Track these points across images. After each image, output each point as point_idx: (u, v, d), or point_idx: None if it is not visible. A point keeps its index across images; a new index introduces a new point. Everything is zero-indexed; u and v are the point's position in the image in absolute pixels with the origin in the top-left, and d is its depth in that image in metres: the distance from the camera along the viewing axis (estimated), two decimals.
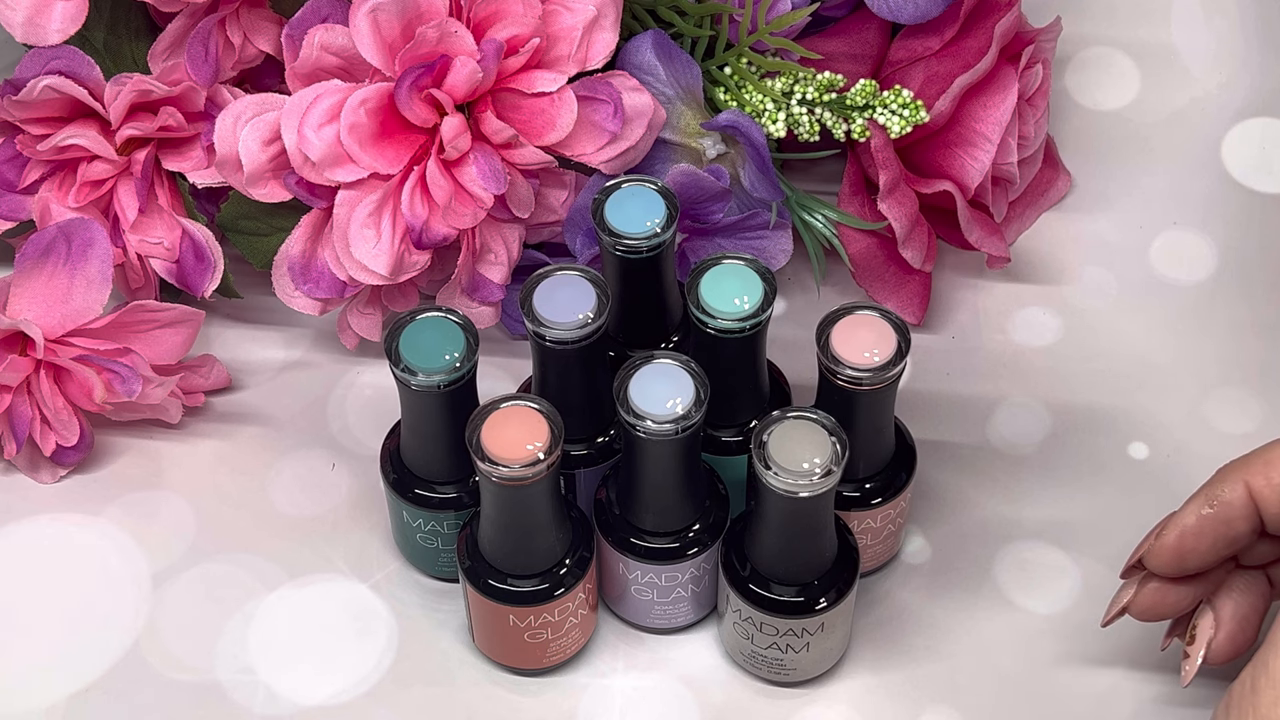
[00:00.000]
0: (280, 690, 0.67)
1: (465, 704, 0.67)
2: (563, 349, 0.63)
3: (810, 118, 0.72)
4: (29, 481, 0.73)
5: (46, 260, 0.70)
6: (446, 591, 0.70)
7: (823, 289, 0.78)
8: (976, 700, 0.66)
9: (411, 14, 0.67)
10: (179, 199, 0.74)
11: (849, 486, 0.66)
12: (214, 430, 0.75)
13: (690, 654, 0.68)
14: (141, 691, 0.67)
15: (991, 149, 0.74)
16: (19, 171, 0.73)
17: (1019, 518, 0.71)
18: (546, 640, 0.65)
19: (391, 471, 0.67)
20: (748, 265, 0.64)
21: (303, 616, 0.69)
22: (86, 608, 0.69)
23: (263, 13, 0.72)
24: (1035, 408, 0.75)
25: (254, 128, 0.68)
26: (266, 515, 0.72)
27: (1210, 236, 0.81)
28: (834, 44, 0.76)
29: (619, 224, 0.65)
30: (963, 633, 0.68)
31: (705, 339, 0.64)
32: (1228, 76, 0.84)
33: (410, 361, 0.62)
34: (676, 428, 0.60)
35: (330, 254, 0.70)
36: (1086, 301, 0.79)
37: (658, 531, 0.65)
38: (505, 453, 0.60)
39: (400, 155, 0.68)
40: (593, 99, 0.70)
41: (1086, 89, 0.85)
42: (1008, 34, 0.74)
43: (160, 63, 0.72)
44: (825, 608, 0.63)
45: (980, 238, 0.75)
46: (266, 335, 0.78)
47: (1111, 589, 0.69)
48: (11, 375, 0.69)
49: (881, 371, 0.62)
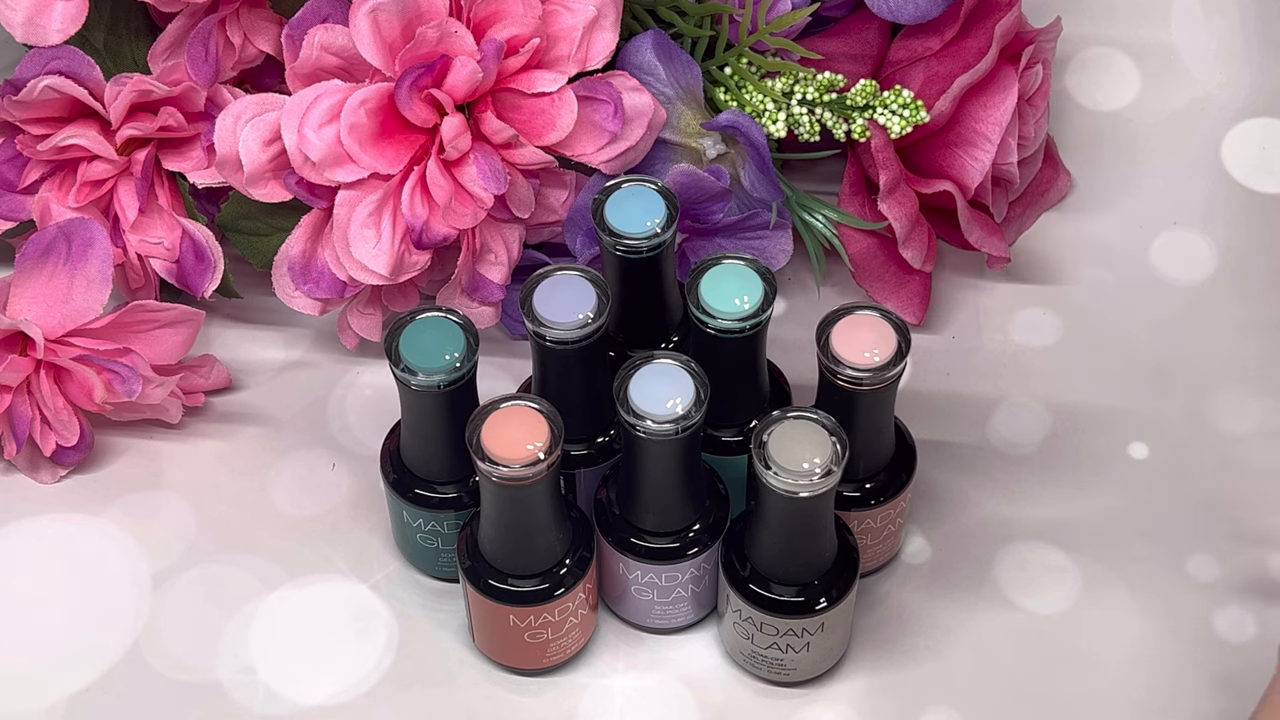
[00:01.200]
0: (280, 690, 0.67)
1: (465, 704, 0.67)
2: (563, 349, 0.63)
3: (810, 118, 0.72)
4: (29, 481, 0.73)
5: (46, 260, 0.70)
6: (446, 591, 0.70)
7: (823, 289, 0.78)
8: (976, 700, 0.66)
9: (411, 14, 0.67)
10: (179, 199, 0.74)
11: (849, 486, 0.66)
12: (214, 430, 0.75)
13: (690, 654, 0.68)
14: (141, 691, 0.67)
15: (991, 149, 0.74)
16: (19, 171, 0.73)
17: (1019, 518, 0.71)
18: (546, 640, 0.65)
19: (391, 471, 0.67)
20: (748, 265, 0.64)
21: (303, 616, 0.69)
22: (86, 608, 0.69)
23: (263, 13, 0.72)
24: (1035, 408, 0.75)
25: (254, 128, 0.68)
26: (266, 515, 0.72)
27: (1210, 236, 0.81)
28: (834, 44, 0.76)
29: (619, 224, 0.65)
30: (963, 633, 0.68)
31: (705, 339, 0.64)
32: (1228, 76, 0.84)
33: (410, 361, 0.62)
34: (676, 428, 0.60)
35: (330, 254, 0.70)
36: (1086, 301, 0.79)
37: (658, 531, 0.64)
38: (505, 453, 0.60)
39: (400, 155, 0.68)
40: (593, 99, 0.70)
41: (1086, 89, 0.84)
42: (1008, 34, 0.74)
43: (160, 63, 0.72)
44: (825, 608, 0.63)
45: (980, 238, 0.75)
46: (266, 335, 0.78)
47: (1111, 589, 0.69)
48: (11, 375, 0.69)
49: (881, 371, 0.62)
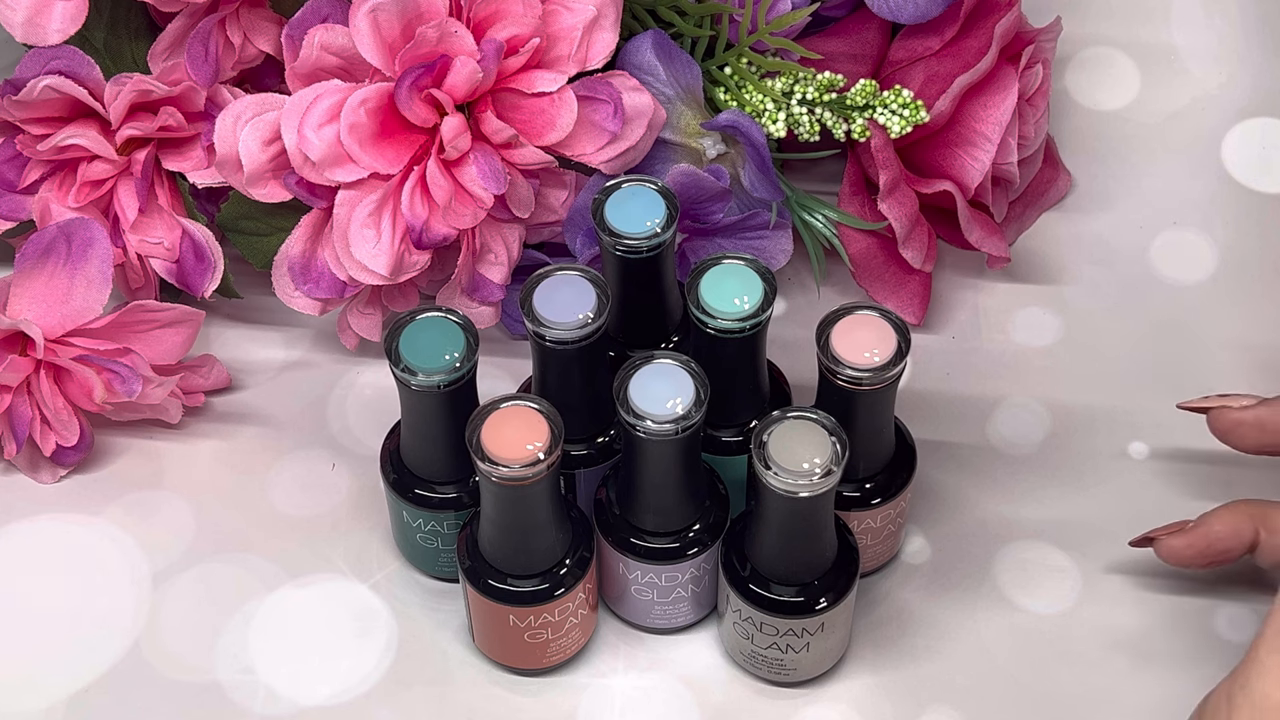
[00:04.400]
0: (280, 690, 0.67)
1: (465, 704, 0.67)
2: (563, 349, 0.63)
3: (810, 118, 0.72)
4: (29, 481, 0.73)
5: (46, 260, 0.70)
6: (446, 591, 0.70)
7: (823, 289, 0.78)
8: (976, 700, 0.66)
9: (411, 14, 0.67)
10: (179, 199, 0.74)
11: (849, 486, 0.66)
12: (214, 430, 0.75)
13: (690, 654, 0.68)
14: (141, 691, 0.67)
15: (991, 149, 0.74)
16: (19, 171, 0.73)
17: (1019, 518, 0.71)
18: (546, 640, 0.65)
19: (391, 471, 0.67)
20: (748, 265, 0.64)
21: (303, 616, 0.69)
22: (86, 608, 0.69)
23: (263, 13, 0.72)
24: (1035, 408, 0.75)
25: (254, 128, 0.68)
26: (266, 515, 0.72)
27: (1210, 236, 0.81)
28: (834, 44, 0.76)
29: (619, 224, 0.65)
30: (963, 633, 0.68)
31: (705, 339, 0.64)
32: (1228, 76, 0.84)
33: (410, 361, 0.62)
34: (676, 428, 0.60)
35: (330, 254, 0.70)
36: (1086, 301, 0.79)
37: (658, 531, 0.64)
38: (505, 453, 0.60)
39: (400, 155, 0.68)
40: (593, 99, 0.70)
41: (1086, 89, 0.84)
42: (1008, 34, 0.74)
43: (160, 63, 0.72)
44: (825, 608, 0.63)
45: (980, 238, 0.75)
46: (266, 335, 0.78)
47: (1111, 589, 0.69)
48: (11, 375, 0.69)
49: (881, 371, 0.62)
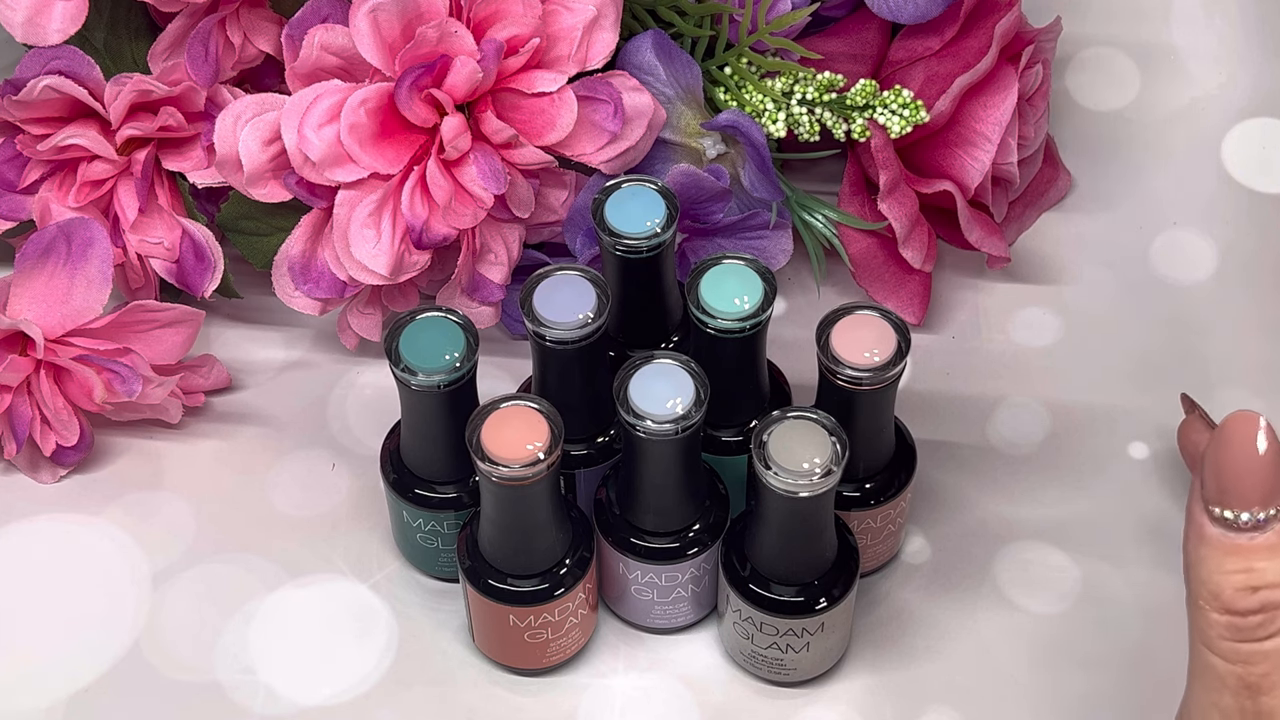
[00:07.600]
0: (280, 690, 0.67)
1: (465, 704, 0.67)
2: (563, 349, 0.63)
3: (810, 118, 0.72)
4: (29, 481, 0.73)
5: (46, 260, 0.70)
6: (446, 591, 0.70)
7: (823, 289, 0.78)
8: (976, 700, 0.66)
9: (411, 14, 0.67)
10: (179, 199, 0.74)
11: (849, 486, 0.66)
12: (214, 430, 0.75)
13: (690, 654, 0.68)
14: (141, 691, 0.67)
15: (991, 149, 0.74)
16: (19, 171, 0.73)
17: (1019, 518, 0.71)
18: (546, 640, 0.65)
19: (391, 471, 0.67)
20: (748, 265, 0.64)
21: (303, 616, 0.69)
22: (86, 608, 0.69)
23: (263, 13, 0.72)
24: (1035, 408, 0.75)
25: (254, 128, 0.68)
26: (266, 515, 0.72)
27: (1210, 236, 0.81)
28: (834, 44, 0.76)
29: (619, 224, 0.65)
30: (963, 633, 0.68)
31: (705, 339, 0.64)
32: (1228, 76, 0.84)
33: (410, 361, 0.62)
34: (676, 428, 0.60)
35: (330, 254, 0.70)
36: (1086, 301, 0.79)
37: (658, 531, 0.64)
38: (505, 453, 0.60)
39: (400, 155, 0.68)
40: (593, 99, 0.70)
41: (1086, 89, 0.84)
42: (1008, 34, 0.74)
43: (160, 63, 0.72)
44: (825, 608, 0.63)
45: (980, 238, 0.75)
46: (266, 335, 0.78)
47: (1111, 589, 0.69)
48: (11, 375, 0.69)
49: (881, 371, 0.62)
